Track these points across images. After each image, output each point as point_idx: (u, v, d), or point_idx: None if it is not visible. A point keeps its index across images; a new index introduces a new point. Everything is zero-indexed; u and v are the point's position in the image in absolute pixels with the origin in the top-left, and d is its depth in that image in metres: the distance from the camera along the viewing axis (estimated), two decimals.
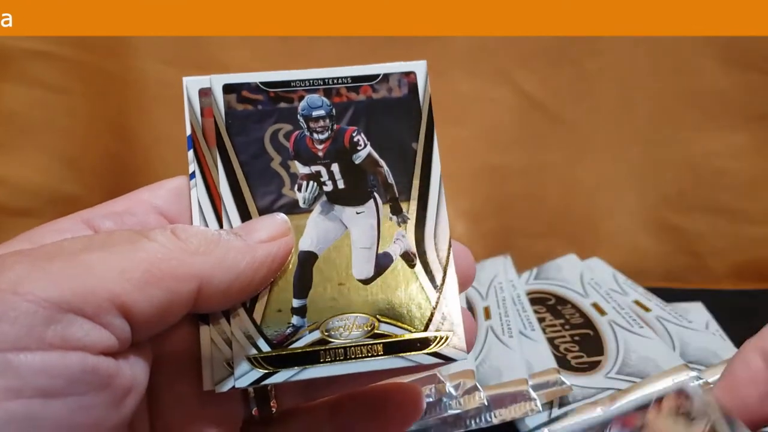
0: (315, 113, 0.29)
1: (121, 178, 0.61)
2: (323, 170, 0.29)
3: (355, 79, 0.29)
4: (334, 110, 0.29)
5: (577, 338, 0.51)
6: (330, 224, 0.29)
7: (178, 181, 0.29)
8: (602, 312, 0.54)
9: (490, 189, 0.66)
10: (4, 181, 0.59)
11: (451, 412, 0.44)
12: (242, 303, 0.27)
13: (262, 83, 0.29)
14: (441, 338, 0.28)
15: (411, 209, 0.29)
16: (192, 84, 0.29)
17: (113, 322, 0.23)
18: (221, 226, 0.28)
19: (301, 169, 0.29)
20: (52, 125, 0.58)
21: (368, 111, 0.29)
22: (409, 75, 0.30)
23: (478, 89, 0.62)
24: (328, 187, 0.29)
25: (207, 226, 0.28)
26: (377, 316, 0.28)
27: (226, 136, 0.29)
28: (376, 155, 0.29)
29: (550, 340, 0.51)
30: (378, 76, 0.30)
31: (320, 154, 0.29)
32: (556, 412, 0.45)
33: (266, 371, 0.27)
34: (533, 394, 0.45)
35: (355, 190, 0.29)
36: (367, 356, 0.28)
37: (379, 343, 0.28)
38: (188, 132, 0.29)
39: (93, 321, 0.22)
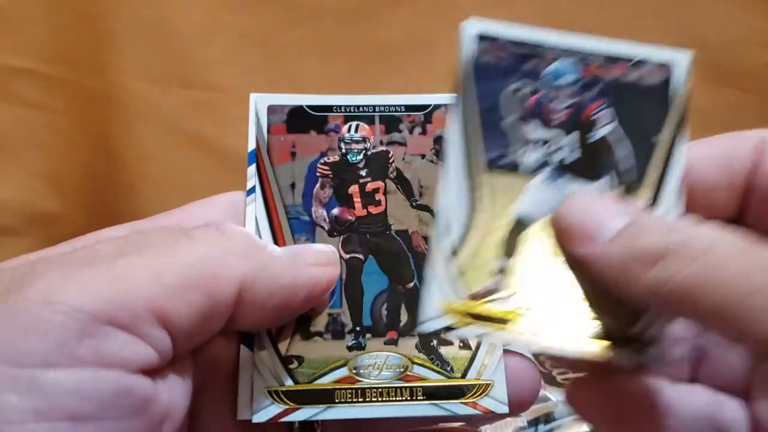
0: (561, 81, 0.27)
1: (104, 197, 0.60)
2: (558, 138, 0.27)
3: (610, 58, 0.27)
4: (581, 82, 0.27)
5: None
6: (552, 193, 0.26)
7: (233, 196, 0.29)
8: None
9: None
10: None
11: None
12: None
13: (513, 41, 0.27)
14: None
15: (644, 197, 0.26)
16: (260, 100, 0.29)
17: (152, 333, 0.21)
18: (276, 242, 0.27)
19: (533, 134, 0.27)
20: (33, 143, 0.58)
21: (617, 91, 0.27)
22: (664, 66, 0.28)
23: None
24: (559, 156, 0.27)
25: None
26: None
27: (469, 81, 0.26)
28: (615, 135, 0.27)
29: (536, 356, 0.51)
30: (635, 59, 0.27)
31: (557, 122, 0.27)
32: (542, 428, 0.45)
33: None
34: None
35: (588, 165, 0.27)
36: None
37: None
38: (251, 147, 0.29)
39: (130, 332, 0.21)
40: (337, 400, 0.26)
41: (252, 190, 0.28)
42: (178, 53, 0.57)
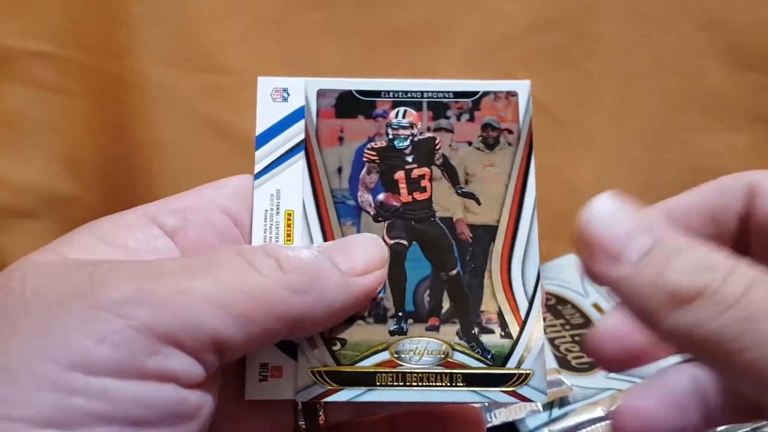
0: None
1: (120, 179, 0.61)
2: None
3: None
4: None
5: (577, 338, 0.51)
6: None
7: (242, 179, 0.29)
8: (602, 312, 0.53)
9: None
10: (3, 181, 0.59)
11: None
12: None
13: None
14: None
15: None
16: (311, 84, 0.29)
17: (208, 358, 0.22)
18: (322, 226, 0.28)
19: None
20: (50, 126, 0.58)
21: None
22: None
23: None
24: None
25: (309, 226, 0.28)
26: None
27: None
28: None
29: (551, 341, 0.51)
30: None
31: None
32: (556, 412, 0.45)
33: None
34: None
35: None
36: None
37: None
38: (259, 131, 0.29)
39: (190, 355, 0.22)
40: (378, 383, 0.26)
41: (260, 173, 0.28)
42: (193, 37, 0.57)
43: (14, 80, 0.56)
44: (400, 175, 0.29)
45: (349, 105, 0.29)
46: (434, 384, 0.26)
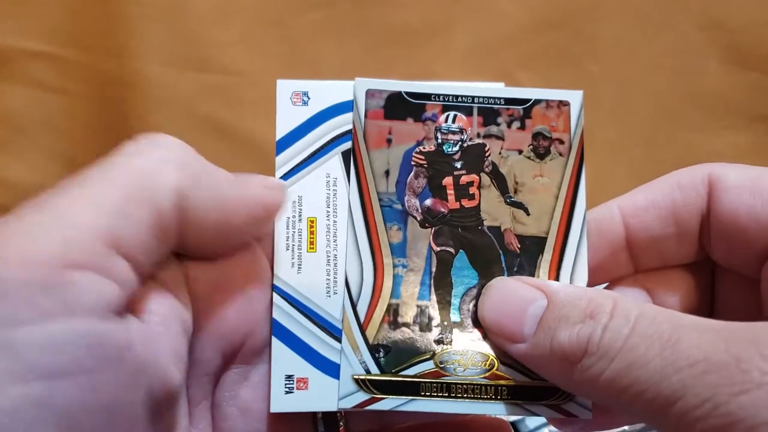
0: None
1: None
2: None
3: None
4: None
5: None
6: None
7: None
8: None
9: None
10: (3, 181, 0.58)
11: None
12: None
13: None
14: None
15: None
16: (360, 84, 0.29)
17: (110, 264, 0.20)
18: (368, 229, 0.27)
19: None
20: (50, 126, 0.58)
21: None
22: None
23: None
24: None
25: (355, 228, 0.27)
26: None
27: None
28: None
29: None
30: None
31: None
32: None
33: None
34: None
35: None
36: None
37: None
38: (280, 135, 0.28)
39: (90, 270, 0.20)
40: (422, 393, 0.26)
41: (286, 176, 0.28)
42: (193, 37, 0.57)
43: (14, 80, 0.56)
44: (448, 181, 0.28)
45: (398, 107, 0.29)
46: (479, 396, 0.26)
